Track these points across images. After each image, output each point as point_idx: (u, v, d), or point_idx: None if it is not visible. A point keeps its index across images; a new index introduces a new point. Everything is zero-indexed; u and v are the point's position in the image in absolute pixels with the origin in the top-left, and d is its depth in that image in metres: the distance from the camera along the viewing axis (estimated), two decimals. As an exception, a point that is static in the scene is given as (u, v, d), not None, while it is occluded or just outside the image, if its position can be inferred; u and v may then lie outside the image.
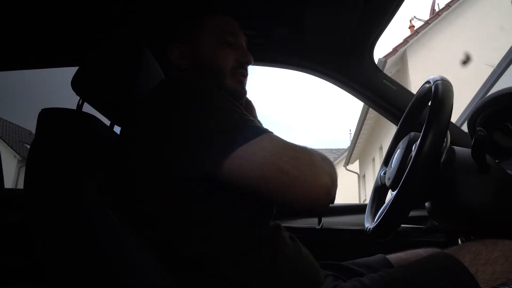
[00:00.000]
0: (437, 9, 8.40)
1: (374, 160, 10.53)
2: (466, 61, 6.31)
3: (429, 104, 0.76)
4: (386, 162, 1.00)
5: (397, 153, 0.89)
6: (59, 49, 1.25)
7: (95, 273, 0.65)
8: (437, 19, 7.74)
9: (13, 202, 1.23)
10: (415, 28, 8.12)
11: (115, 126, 0.92)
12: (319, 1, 1.09)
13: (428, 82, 0.83)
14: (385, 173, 0.95)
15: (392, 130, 1.07)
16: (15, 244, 1.10)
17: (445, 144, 0.77)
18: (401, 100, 1.30)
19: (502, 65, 1.51)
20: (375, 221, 0.84)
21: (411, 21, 8.88)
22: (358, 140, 10.79)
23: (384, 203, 0.97)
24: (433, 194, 0.80)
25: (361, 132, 10.14)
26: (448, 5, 7.73)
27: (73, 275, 0.67)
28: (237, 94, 0.88)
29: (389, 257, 0.96)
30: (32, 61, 1.32)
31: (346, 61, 1.33)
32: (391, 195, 0.83)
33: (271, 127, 1.12)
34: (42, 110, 0.78)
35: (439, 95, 0.72)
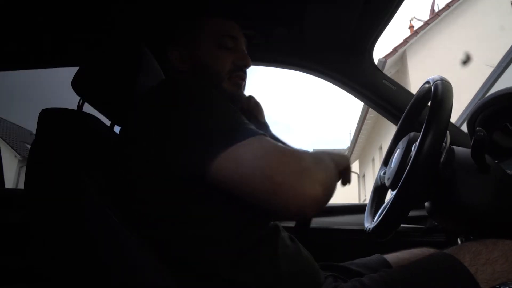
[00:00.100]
0: (436, 9, 8.41)
1: (373, 160, 10.54)
2: (465, 61, 6.32)
3: (429, 104, 0.76)
4: (385, 162, 1.00)
5: (397, 153, 0.89)
6: (59, 49, 1.25)
7: (95, 273, 0.65)
8: (436, 19, 7.75)
9: (13, 202, 1.23)
10: (415, 28, 8.13)
11: (115, 126, 0.92)
12: (319, 1, 1.09)
13: (427, 82, 0.83)
14: (384, 173, 0.95)
15: (392, 130, 1.07)
16: (15, 244, 1.10)
17: (444, 144, 0.77)
18: (400, 100, 1.30)
19: (501, 65, 1.51)
20: (375, 221, 0.84)
21: (410, 21, 8.89)
22: (358, 140, 10.79)
23: (384, 203, 0.97)
24: (433, 194, 0.80)
25: (361, 132, 10.14)
26: (447, 6, 7.75)
27: (73, 275, 0.67)
28: (234, 97, 0.88)
29: (386, 257, 0.96)
30: (32, 61, 1.32)
31: (346, 61, 1.33)
32: (391, 195, 0.83)
33: (271, 127, 1.13)
34: (42, 110, 0.78)
35: (438, 95, 0.72)
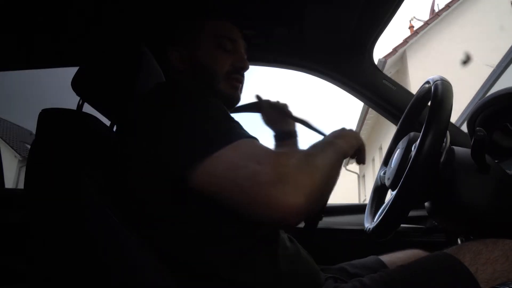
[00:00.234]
0: (436, 9, 8.42)
1: (373, 160, 10.53)
2: (465, 61, 6.33)
3: (429, 104, 0.76)
4: (386, 162, 1.00)
5: (397, 153, 0.89)
6: (59, 49, 1.25)
7: (95, 273, 0.65)
8: (436, 19, 7.75)
9: (13, 202, 1.23)
10: (415, 28, 8.13)
11: (115, 126, 0.92)
12: (319, 1, 1.09)
13: (427, 82, 0.83)
14: (384, 173, 0.95)
15: (392, 130, 1.07)
16: (15, 244, 1.10)
17: (444, 144, 0.77)
18: (400, 100, 1.30)
19: (501, 65, 1.51)
20: (375, 221, 0.84)
21: (410, 21, 8.90)
22: (357, 140, 10.75)
23: (384, 203, 0.97)
24: (433, 194, 0.80)
25: (361, 132, 10.13)
26: (447, 6, 7.75)
27: (73, 275, 0.67)
28: (230, 99, 0.88)
29: (381, 258, 0.96)
30: (32, 61, 1.32)
31: (346, 61, 1.33)
32: (391, 195, 0.83)
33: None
34: (42, 110, 0.78)
35: (438, 95, 0.72)
